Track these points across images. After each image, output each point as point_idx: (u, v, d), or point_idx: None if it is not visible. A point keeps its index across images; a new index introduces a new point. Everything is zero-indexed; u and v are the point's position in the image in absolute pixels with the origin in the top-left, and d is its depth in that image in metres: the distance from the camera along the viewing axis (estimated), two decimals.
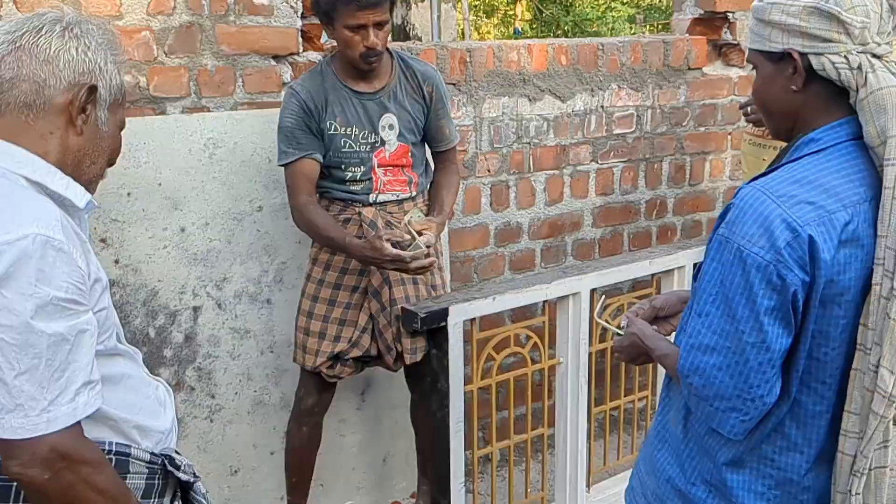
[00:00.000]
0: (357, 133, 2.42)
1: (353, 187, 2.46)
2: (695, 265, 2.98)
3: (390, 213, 2.49)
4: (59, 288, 1.17)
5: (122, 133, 1.41)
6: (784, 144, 1.45)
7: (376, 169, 2.45)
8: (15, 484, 1.23)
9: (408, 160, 2.49)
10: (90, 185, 1.36)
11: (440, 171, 2.62)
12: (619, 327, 1.68)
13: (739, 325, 1.30)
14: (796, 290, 1.27)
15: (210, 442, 2.70)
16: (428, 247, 2.31)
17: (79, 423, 1.21)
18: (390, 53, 2.46)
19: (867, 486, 1.35)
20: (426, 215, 2.50)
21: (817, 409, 1.37)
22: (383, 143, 2.44)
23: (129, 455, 1.34)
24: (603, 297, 2.18)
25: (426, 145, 2.59)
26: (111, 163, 1.40)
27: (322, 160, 2.42)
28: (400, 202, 2.50)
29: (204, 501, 1.49)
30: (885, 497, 1.38)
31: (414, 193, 2.53)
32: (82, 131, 1.30)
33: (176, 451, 1.46)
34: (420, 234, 2.33)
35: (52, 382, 1.16)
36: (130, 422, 1.36)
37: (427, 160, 2.62)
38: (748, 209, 1.29)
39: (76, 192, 1.30)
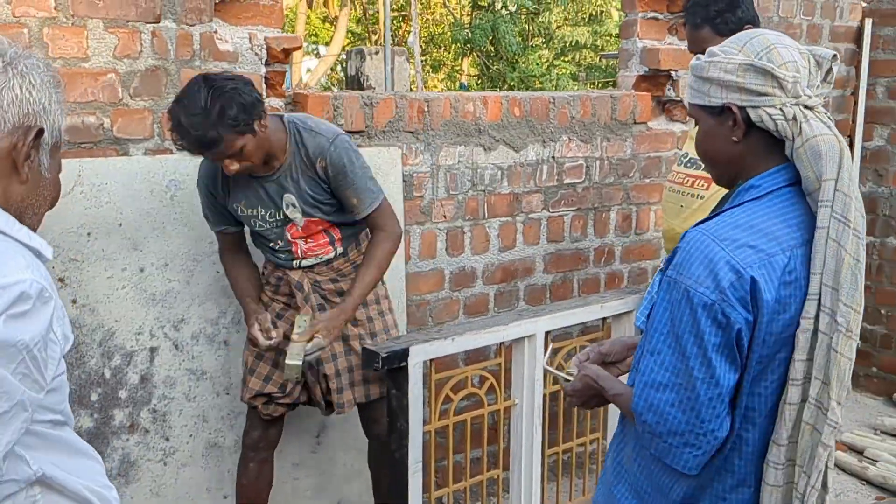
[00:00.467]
0: (264, 213, 2.43)
1: (279, 254, 2.51)
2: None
3: (317, 273, 2.51)
4: (32, 338, 1.09)
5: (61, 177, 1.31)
6: (712, 191, 1.55)
7: (293, 240, 2.47)
8: None
9: (324, 225, 2.47)
10: None
11: (367, 241, 2.55)
12: (567, 374, 1.75)
13: (689, 362, 1.37)
14: (740, 329, 1.36)
15: (163, 485, 2.66)
16: (321, 349, 2.39)
17: None
18: (287, 130, 2.38)
19: None
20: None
21: (761, 443, 1.44)
22: (290, 220, 2.43)
23: None
24: (551, 345, 2.25)
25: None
26: (50, 208, 1.30)
27: (237, 229, 2.53)
28: (328, 262, 2.51)
29: None
30: None
31: (341, 250, 2.52)
32: (27, 178, 1.19)
33: None
34: (311, 339, 2.38)
35: None
36: (94, 491, 1.29)
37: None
38: (694, 252, 1.38)
39: (41, 242, 1.20)
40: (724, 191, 2.46)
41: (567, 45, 15.63)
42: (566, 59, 16.17)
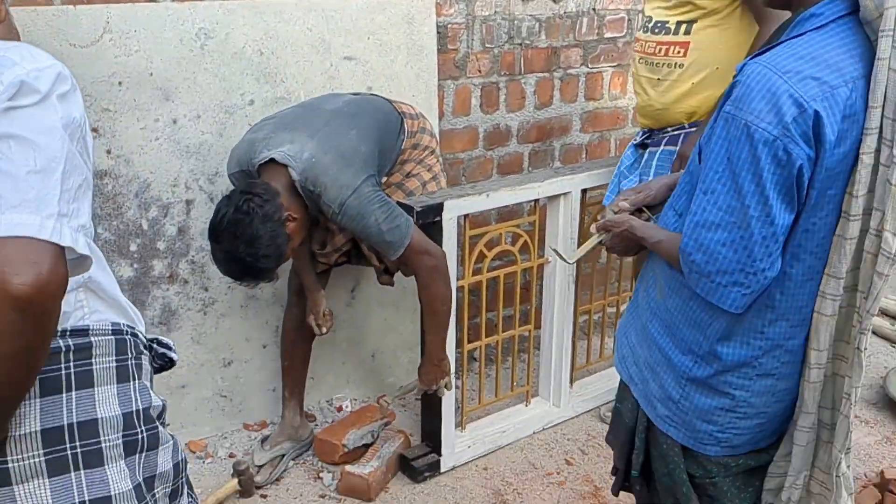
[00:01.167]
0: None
1: None
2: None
3: None
4: (81, 116, 1.15)
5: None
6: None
7: None
8: None
9: None
10: None
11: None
12: (594, 240, 1.75)
13: (745, 200, 1.33)
14: (802, 165, 1.30)
15: (204, 334, 2.73)
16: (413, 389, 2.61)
17: (64, 255, 1.04)
18: (302, 196, 2.26)
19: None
20: None
21: (803, 278, 1.42)
22: None
23: (137, 336, 1.31)
24: (556, 250, 2.26)
25: None
26: None
27: None
28: None
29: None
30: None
31: None
32: (5, 17, 1.23)
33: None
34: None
35: (64, 202, 1.05)
36: (127, 302, 1.31)
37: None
38: (755, 85, 1.31)
39: None
40: (705, 58, 2.36)
41: None
42: None
